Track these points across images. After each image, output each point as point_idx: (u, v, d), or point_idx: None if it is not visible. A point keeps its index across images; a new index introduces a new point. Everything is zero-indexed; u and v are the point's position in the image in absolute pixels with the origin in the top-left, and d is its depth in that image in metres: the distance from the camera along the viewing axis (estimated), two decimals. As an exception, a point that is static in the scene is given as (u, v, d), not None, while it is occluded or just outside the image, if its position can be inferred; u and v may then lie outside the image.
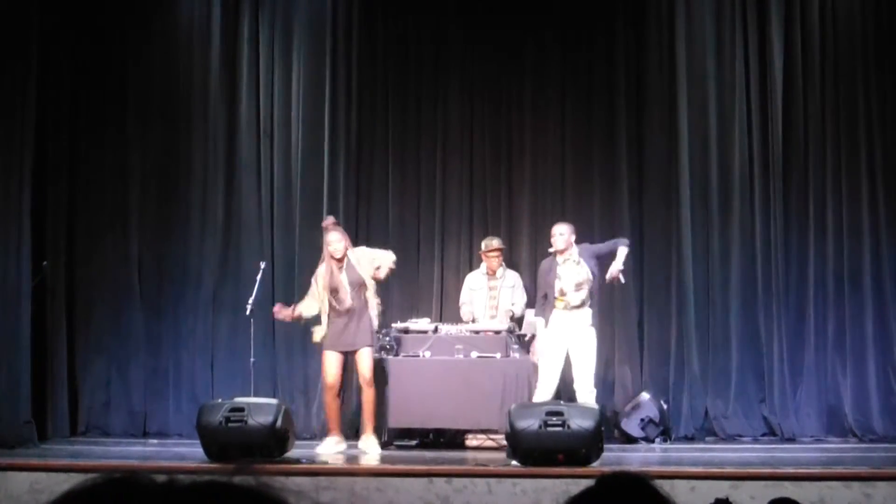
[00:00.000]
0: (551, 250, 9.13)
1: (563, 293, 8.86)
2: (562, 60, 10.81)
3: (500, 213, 10.78)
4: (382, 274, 8.98)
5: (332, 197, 10.71)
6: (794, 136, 10.41)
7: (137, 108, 10.82)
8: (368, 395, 8.94)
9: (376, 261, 8.98)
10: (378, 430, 9.11)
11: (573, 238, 9.05)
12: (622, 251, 8.99)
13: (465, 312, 10.04)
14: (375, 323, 9.00)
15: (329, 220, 9.19)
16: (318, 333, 8.98)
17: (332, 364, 8.92)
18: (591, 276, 8.87)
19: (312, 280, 9.07)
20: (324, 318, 8.94)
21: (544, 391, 8.78)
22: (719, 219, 10.44)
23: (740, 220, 10.41)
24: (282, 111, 10.87)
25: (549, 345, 8.90)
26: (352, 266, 8.92)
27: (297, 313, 9.03)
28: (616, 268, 8.92)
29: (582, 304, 8.87)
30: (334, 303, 8.86)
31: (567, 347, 8.86)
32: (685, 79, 10.52)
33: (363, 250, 9.13)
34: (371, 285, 8.97)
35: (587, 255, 8.96)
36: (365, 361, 8.89)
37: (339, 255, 8.92)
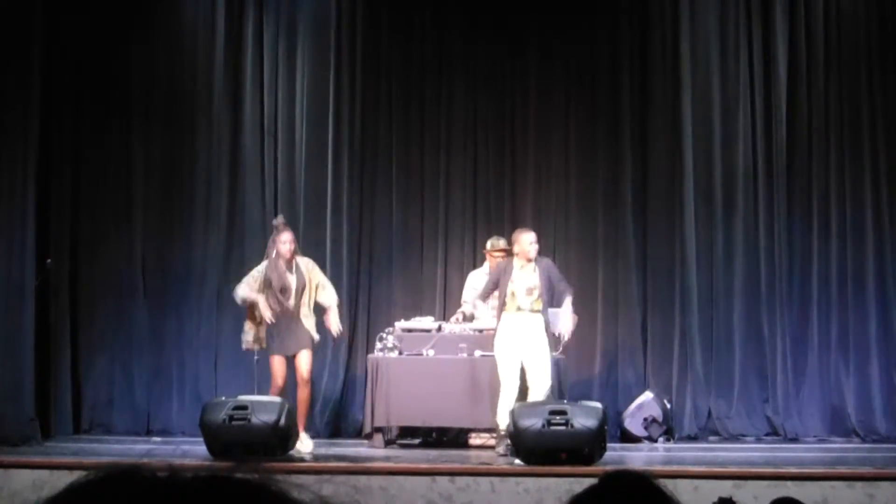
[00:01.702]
0: (529, 256, 8.84)
1: (513, 295, 8.78)
2: (565, 59, 10.80)
3: (504, 213, 10.77)
4: (324, 302, 8.94)
5: (335, 195, 10.71)
6: (798, 135, 10.40)
7: (141, 107, 10.82)
8: (304, 394, 8.90)
9: (323, 289, 8.94)
10: (380, 429, 9.13)
11: (536, 247, 8.89)
12: (567, 300, 8.79)
13: (466, 309, 10.00)
14: (333, 312, 8.91)
15: (281, 220, 9.16)
16: (249, 336, 8.92)
17: (281, 368, 8.85)
18: (539, 284, 8.76)
19: (252, 276, 8.93)
20: (255, 320, 8.87)
21: (508, 395, 8.62)
22: (723, 218, 10.43)
23: (744, 220, 10.41)
24: (286, 110, 10.88)
25: (504, 349, 8.75)
26: (300, 270, 8.89)
27: (259, 312, 8.89)
28: (566, 326, 8.76)
29: (532, 310, 8.78)
30: (282, 301, 8.78)
31: (521, 351, 8.69)
32: (689, 78, 10.51)
33: (314, 266, 9.06)
34: (326, 284, 8.98)
35: (543, 269, 8.86)
36: (305, 362, 8.81)
37: (288, 256, 8.86)
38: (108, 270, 10.67)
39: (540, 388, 8.61)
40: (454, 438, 9.52)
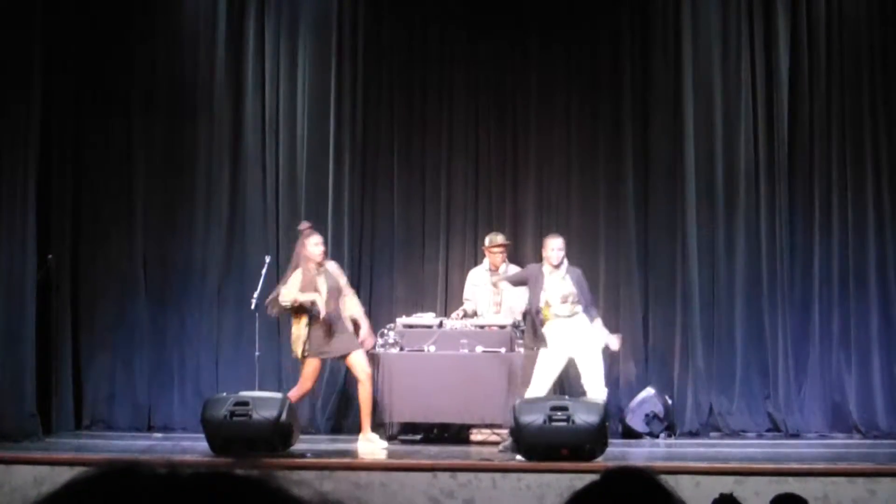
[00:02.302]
0: (551, 262, 8.91)
1: (548, 304, 8.79)
2: (567, 57, 10.80)
3: (505, 210, 10.77)
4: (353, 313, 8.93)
5: (336, 192, 10.71)
6: (800, 133, 10.40)
7: (143, 103, 10.82)
8: (367, 391, 8.89)
9: (346, 290, 8.94)
10: (382, 425, 9.13)
11: (563, 252, 9.00)
12: (598, 322, 8.91)
13: (467, 307, 10.01)
14: (364, 324, 8.88)
15: (307, 224, 9.11)
16: (298, 345, 8.86)
17: (315, 372, 8.89)
18: (575, 290, 8.79)
19: (284, 288, 8.80)
20: (302, 326, 8.81)
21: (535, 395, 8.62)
22: (724, 216, 10.43)
23: (745, 218, 10.40)
24: (287, 106, 10.87)
25: (552, 350, 8.71)
26: (330, 273, 8.86)
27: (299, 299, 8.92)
28: (613, 341, 8.90)
29: (571, 315, 8.79)
30: (313, 309, 8.69)
31: (569, 355, 8.72)
32: (691, 77, 10.50)
33: (340, 270, 9.06)
34: (349, 292, 8.95)
35: (574, 278, 8.89)
36: (360, 360, 8.83)
37: (319, 259, 8.82)
38: (110, 266, 10.67)
39: (595, 391, 8.64)
40: (455, 434, 9.52)
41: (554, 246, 8.94)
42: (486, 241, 10.03)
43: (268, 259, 9.77)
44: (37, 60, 9.87)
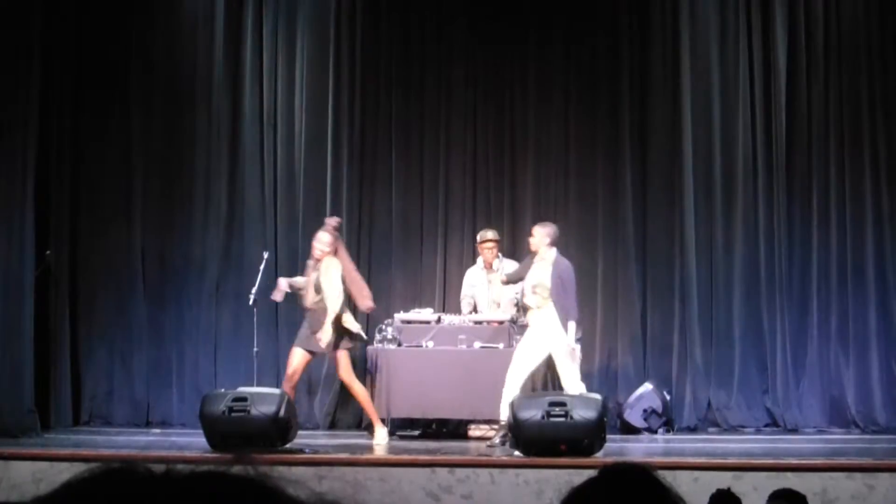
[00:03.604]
0: (530, 248, 9.06)
1: (524, 294, 8.87)
2: (566, 52, 10.79)
3: (503, 205, 10.76)
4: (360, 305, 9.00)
5: (335, 187, 10.70)
6: (798, 128, 10.40)
7: (141, 98, 10.81)
8: (354, 392, 9.01)
9: (354, 285, 8.94)
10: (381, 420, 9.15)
11: (546, 241, 8.84)
12: (571, 325, 8.72)
13: (465, 306, 9.98)
14: (328, 331, 8.73)
15: (332, 221, 9.17)
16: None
17: (294, 360, 8.95)
18: (547, 284, 8.74)
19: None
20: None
21: (508, 389, 8.59)
22: (722, 211, 10.43)
23: (743, 212, 10.41)
24: (285, 101, 10.86)
25: (521, 343, 8.89)
26: (319, 272, 8.90)
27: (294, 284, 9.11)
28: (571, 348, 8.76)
29: (538, 307, 8.78)
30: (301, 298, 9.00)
31: (538, 348, 8.76)
32: (689, 71, 10.50)
33: (329, 269, 8.86)
34: (331, 297, 8.79)
35: (559, 271, 8.82)
36: (339, 362, 8.92)
37: (315, 255, 8.93)
38: (108, 262, 10.67)
39: (571, 389, 8.64)
40: (454, 430, 9.53)
41: (533, 232, 8.97)
42: (478, 237, 10.01)
43: (266, 254, 9.77)
44: (36, 53, 9.84)
